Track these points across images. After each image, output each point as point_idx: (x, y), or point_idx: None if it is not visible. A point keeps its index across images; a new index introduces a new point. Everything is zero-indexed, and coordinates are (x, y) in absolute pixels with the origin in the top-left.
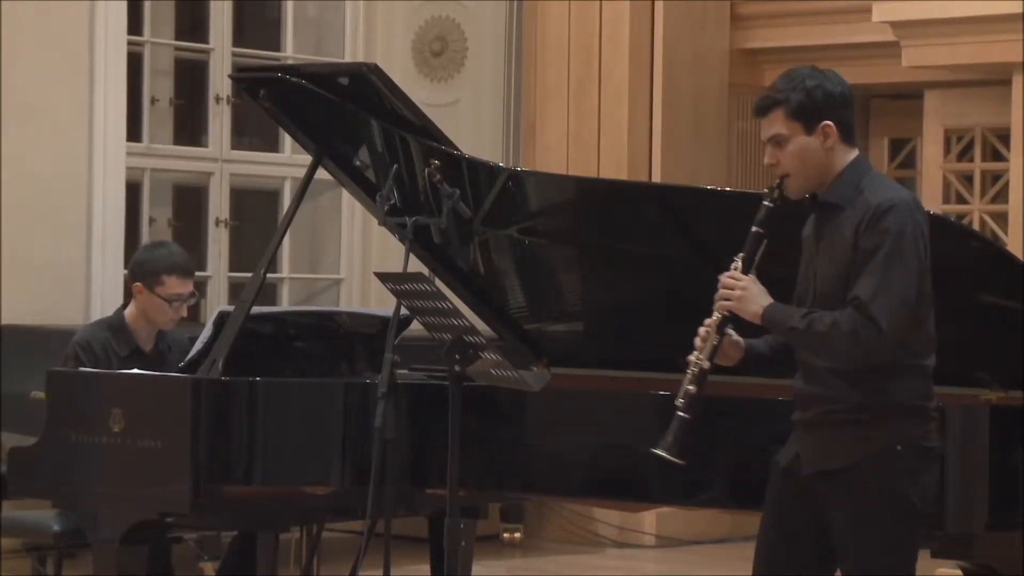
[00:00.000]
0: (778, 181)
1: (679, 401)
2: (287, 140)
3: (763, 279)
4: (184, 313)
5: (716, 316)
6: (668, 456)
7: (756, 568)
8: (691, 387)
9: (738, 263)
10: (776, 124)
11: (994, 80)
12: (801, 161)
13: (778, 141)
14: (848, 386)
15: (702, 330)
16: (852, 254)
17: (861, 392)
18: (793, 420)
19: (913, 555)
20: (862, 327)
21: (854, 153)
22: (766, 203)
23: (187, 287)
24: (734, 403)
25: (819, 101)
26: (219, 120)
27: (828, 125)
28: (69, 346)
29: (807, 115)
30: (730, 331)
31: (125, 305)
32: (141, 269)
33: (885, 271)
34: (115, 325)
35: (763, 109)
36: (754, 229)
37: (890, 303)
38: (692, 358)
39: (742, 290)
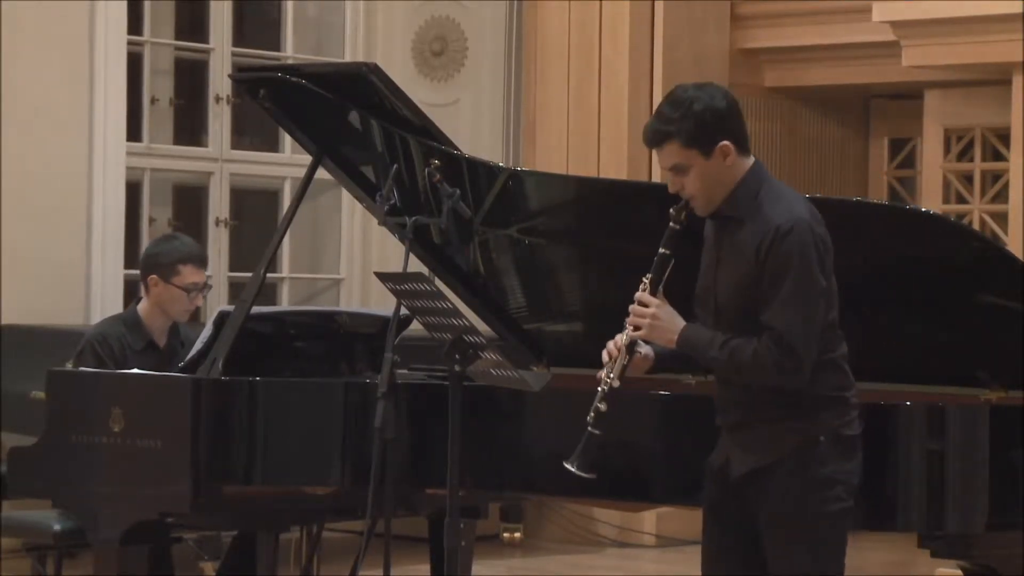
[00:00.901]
0: (683, 203)
1: (590, 418)
2: (287, 140)
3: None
4: (199, 303)
5: (626, 337)
6: (578, 472)
7: (703, 570)
8: (601, 405)
9: (645, 284)
10: (673, 155)
11: (994, 80)
12: (705, 184)
13: (678, 169)
14: (765, 390)
15: (612, 347)
16: (753, 271)
17: (778, 391)
18: (716, 424)
19: (842, 543)
20: (784, 358)
21: (750, 161)
22: (673, 225)
23: (202, 276)
24: None
25: (710, 123)
26: (219, 120)
27: (725, 145)
28: (83, 341)
29: (702, 141)
30: (641, 346)
31: (138, 301)
32: (155, 261)
33: (795, 300)
34: (129, 320)
35: (656, 141)
36: (661, 251)
37: (805, 331)
38: (603, 375)
39: (652, 317)
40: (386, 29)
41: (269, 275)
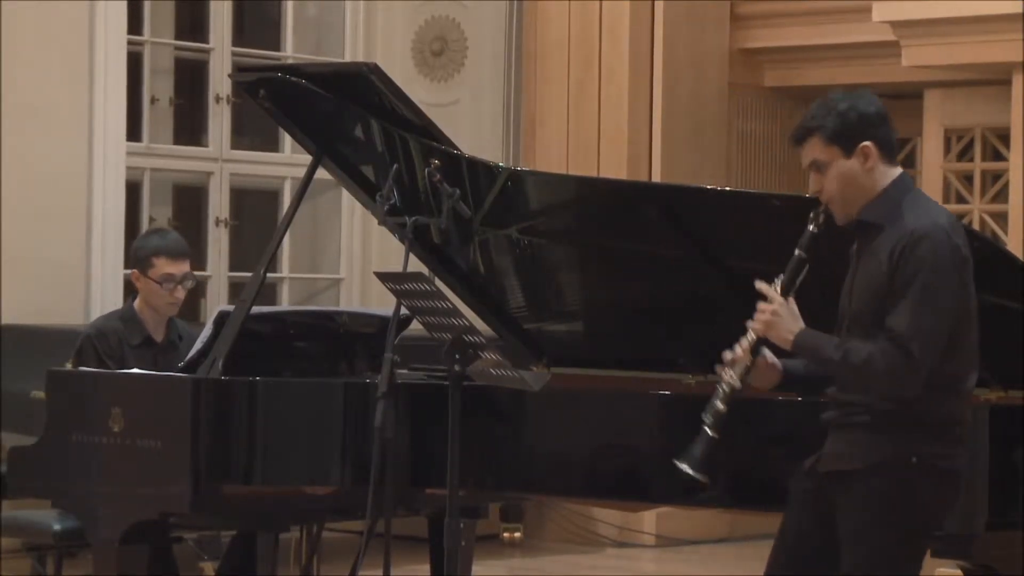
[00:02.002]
0: (823, 207)
1: (707, 418)
2: (287, 140)
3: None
4: (180, 295)
5: (751, 337)
6: (693, 473)
7: (769, 567)
8: (720, 405)
9: (777, 284)
10: (814, 151)
11: (994, 80)
12: (843, 185)
13: (818, 167)
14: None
15: (738, 348)
16: (885, 278)
17: (893, 404)
18: (822, 419)
19: (909, 572)
20: (898, 365)
21: (897, 171)
22: (810, 228)
23: (177, 268)
24: (734, 403)
25: (854, 123)
26: (219, 120)
27: (867, 146)
28: (81, 338)
29: (844, 138)
30: (766, 353)
31: (135, 297)
32: (134, 256)
33: (922, 305)
34: (126, 316)
35: (799, 138)
36: (797, 253)
37: (926, 339)
38: (724, 375)
39: (772, 313)
40: (386, 29)
41: (269, 275)
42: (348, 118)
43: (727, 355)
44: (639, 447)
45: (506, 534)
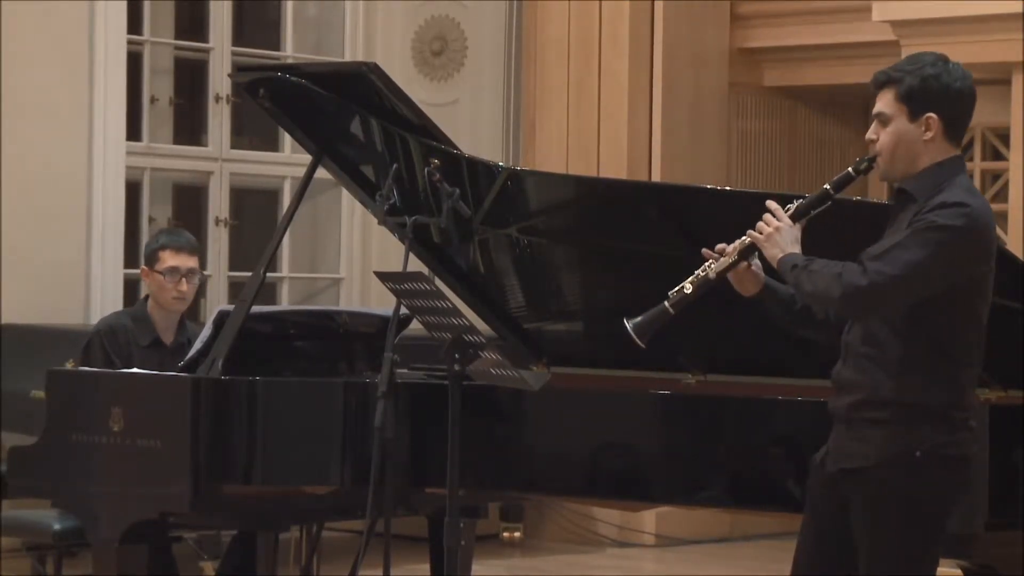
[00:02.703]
0: (871, 156)
1: (672, 293)
2: (287, 139)
3: None
4: (184, 288)
5: (744, 240)
6: (633, 334)
7: (794, 567)
8: (689, 288)
9: (792, 206)
10: (884, 101)
11: (994, 79)
12: (895, 144)
13: (882, 119)
14: (878, 376)
15: (727, 246)
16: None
17: (890, 385)
18: (828, 407)
19: (927, 565)
20: (849, 272)
21: (953, 152)
22: (850, 170)
23: (182, 261)
24: (734, 403)
25: (931, 91)
26: (219, 119)
27: (932, 117)
28: (91, 333)
29: (915, 101)
30: (756, 261)
31: (147, 296)
32: (144, 253)
33: (903, 243)
34: (137, 315)
35: (879, 84)
36: (825, 186)
37: (888, 268)
38: (706, 263)
39: (775, 229)
40: (386, 28)
41: (269, 275)
42: (348, 118)
43: (719, 246)
44: (639, 447)
45: (506, 534)
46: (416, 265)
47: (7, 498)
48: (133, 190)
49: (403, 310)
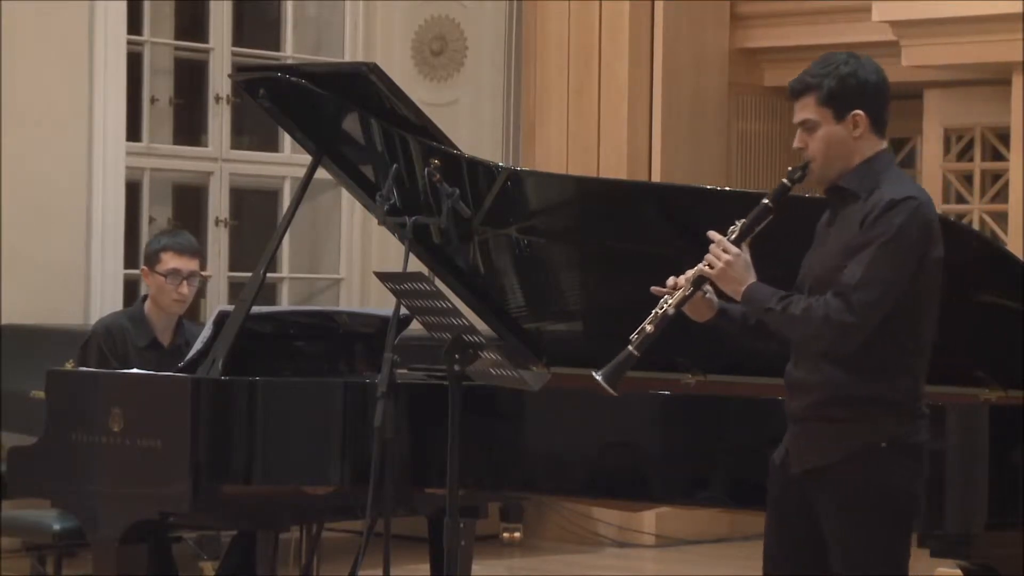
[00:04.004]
0: (803, 164)
1: (633, 336)
2: (287, 140)
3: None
4: (185, 291)
5: (695, 272)
6: (604, 384)
7: (764, 569)
8: (649, 327)
9: (735, 229)
10: (807, 109)
11: (994, 80)
12: (827, 148)
13: (808, 127)
14: (836, 376)
15: (680, 278)
16: (854, 240)
17: (849, 384)
18: (785, 410)
19: (903, 555)
20: (835, 311)
21: (881, 145)
22: (785, 181)
23: (184, 263)
24: (734, 403)
25: (851, 89)
26: (219, 120)
27: (858, 114)
28: (88, 334)
29: (838, 103)
30: (707, 289)
31: (146, 297)
32: (145, 253)
33: (874, 263)
34: (135, 316)
35: (796, 92)
36: (764, 201)
37: (870, 296)
38: (661, 301)
39: (726, 264)
40: (386, 29)
41: (269, 275)
42: (348, 118)
43: (670, 281)
44: (639, 447)
45: (506, 534)
46: (416, 265)
47: (7, 498)
48: (133, 190)
49: (403, 310)
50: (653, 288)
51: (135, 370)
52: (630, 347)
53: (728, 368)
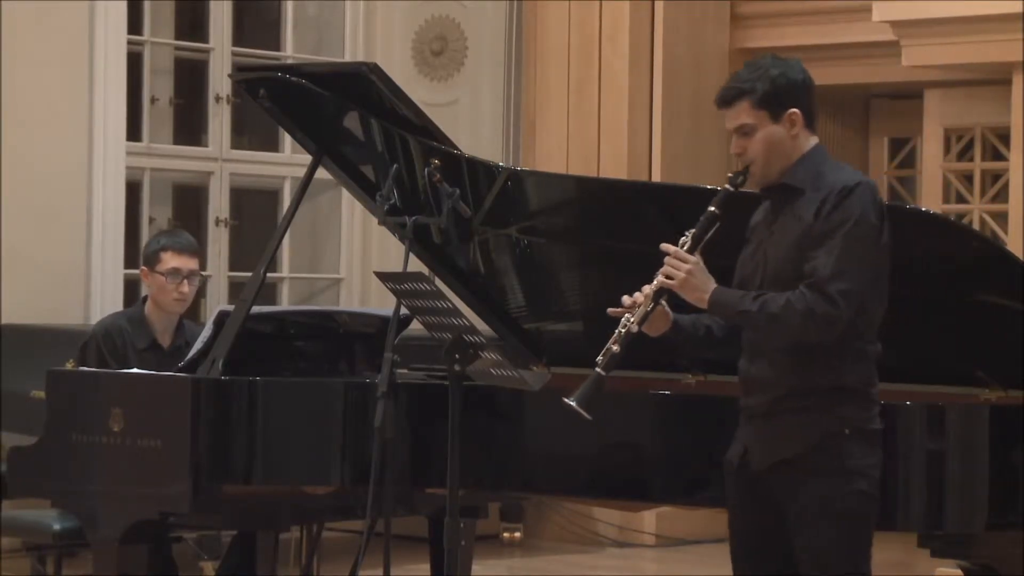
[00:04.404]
0: (743, 168)
1: (600, 359)
2: (287, 139)
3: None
4: (185, 290)
5: (655, 286)
6: (578, 409)
7: (734, 571)
8: (615, 348)
9: (687, 240)
10: (742, 114)
11: (994, 79)
12: (768, 149)
13: (745, 131)
14: (794, 368)
15: (638, 295)
16: (810, 230)
17: (807, 375)
18: (740, 407)
19: (868, 540)
20: (817, 304)
21: (815, 140)
22: (727, 187)
23: (184, 263)
24: (734, 403)
25: (784, 89)
26: (219, 119)
27: (794, 113)
28: (89, 335)
29: (773, 103)
30: (663, 303)
31: (146, 299)
32: (144, 254)
33: (845, 252)
34: (135, 317)
35: (728, 99)
36: (710, 209)
37: (848, 283)
38: (623, 320)
39: (687, 273)
40: (386, 29)
41: (269, 275)
42: (348, 118)
43: (627, 299)
44: (639, 446)
45: (506, 534)
46: (416, 265)
47: (7, 498)
48: (133, 190)
49: (403, 310)
50: (610, 310)
51: (136, 370)
52: (598, 368)
53: (728, 368)
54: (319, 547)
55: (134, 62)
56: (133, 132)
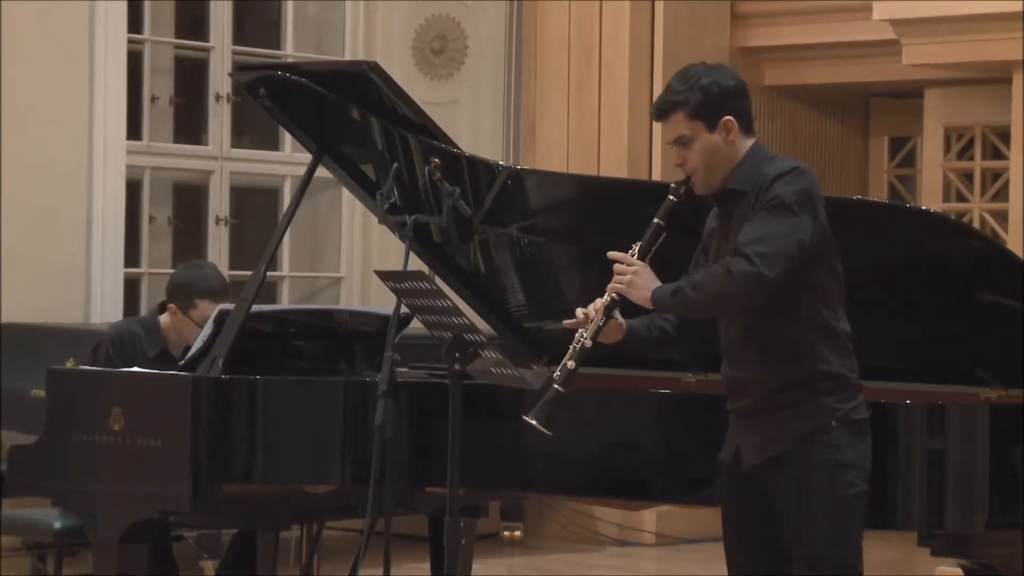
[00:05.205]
0: (684, 178)
1: (556, 374)
2: (287, 138)
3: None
4: None
5: (607, 299)
6: (537, 426)
7: (728, 570)
8: (571, 363)
9: (634, 251)
10: (679, 126)
11: (994, 78)
12: (707, 158)
13: (683, 142)
14: (771, 366)
15: (591, 308)
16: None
17: (785, 369)
18: (727, 410)
19: (859, 531)
20: (734, 264)
21: (751, 141)
22: (671, 198)
23: None
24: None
25: (716, 97)
26: (219, 118)
27: (729, 120)
28: (101, 339)
29: (707, 113)
30: (616, 314)
31: (162, 310)
32: (177, 292)
33: (765, 222)
34: (149, 325)
35: (663, 112)
36: (656, 221)
37: (765, 247)
38: (577, 335)
39: (633, 274)
40: (386, 27)
41: (269, 274)
42: (348, 117)
43: (580, 312)
44: (639, 445)
45: (506, 533)
46: (416, 264)
47: (7, 497)
48: (133, 189)
49: (403, 309)
50: (566, 322)
51: (136, 369)
52: (555, 384)
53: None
54: (319, 546)
55: (134, 61)
56: (133, 131)
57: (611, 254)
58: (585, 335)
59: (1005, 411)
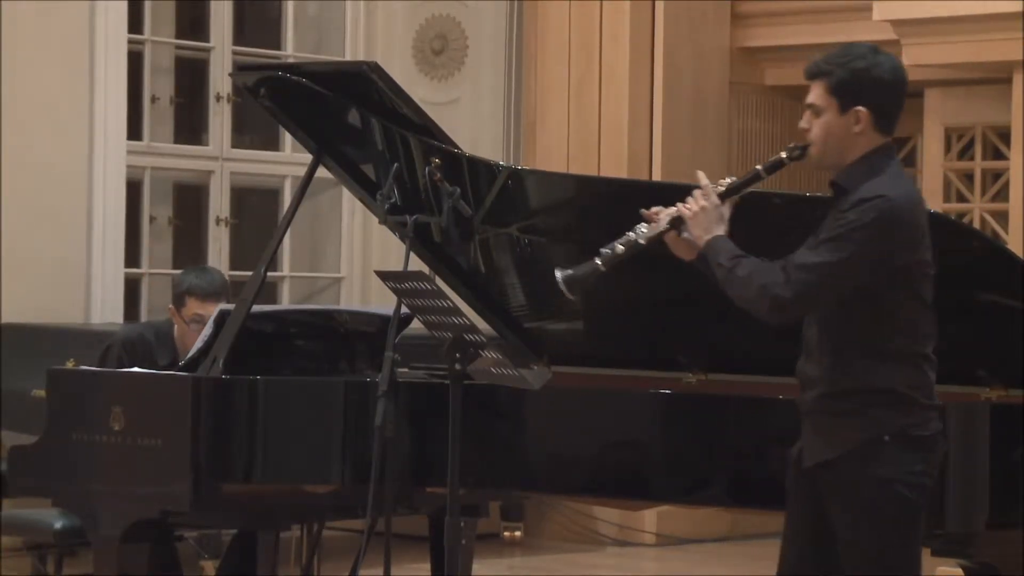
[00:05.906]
0: (804, 144)
1: (604, 250)
2: (287, 138)
3: None
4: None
5: (673, 212)
6: (562, 283)
7: (780, 565)
8: (620, 248)
9: (725, 183)
10: (816, 94)
11: (994, 78)
12: (826, 137)
13: (815, 110)
14: (834, 369)
15: (663, 212)
16: None
17: (845, 377)
18: (796, 403)
19: (913, 550)
20: (773, 285)
21: (882, 142)
22: (782, 155)
23: (206, 309)
24: (734, 402)
25: (860, 84)
26: (219, 118)
27: (860, 111)
28: (112, 340)
29: (844, 95)
30: (686, 233)
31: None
32: (173, 292)
33: (821, 251)
34: (161, 332)
35: (811, 75)
36: (757, 168)
37: (808, 277)
38: (636, 228)
39: (701, 208)
40: (386, 27)
41: (269, 274)
42: (348, 117)
43: (654, 210)
44: (639, 445)
45: (506, 533)
46: (417, 264)
47: (7, 497)
48: (133, 189)
49: (404, 309)
50: (642, 211)
51: (136, 369)
52: (598, 260)
53: (728, 368)
54: (319, 546)
55: (134, 61)
56: (133, 131)
57: (699, 174)
58: (643, 231)
59: (1005, 411)
